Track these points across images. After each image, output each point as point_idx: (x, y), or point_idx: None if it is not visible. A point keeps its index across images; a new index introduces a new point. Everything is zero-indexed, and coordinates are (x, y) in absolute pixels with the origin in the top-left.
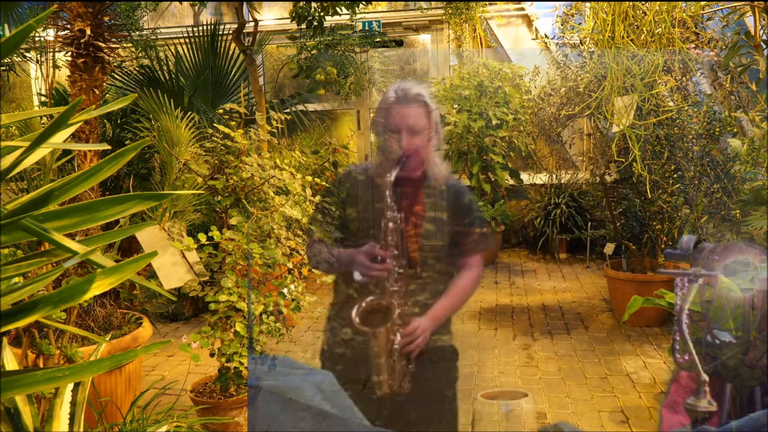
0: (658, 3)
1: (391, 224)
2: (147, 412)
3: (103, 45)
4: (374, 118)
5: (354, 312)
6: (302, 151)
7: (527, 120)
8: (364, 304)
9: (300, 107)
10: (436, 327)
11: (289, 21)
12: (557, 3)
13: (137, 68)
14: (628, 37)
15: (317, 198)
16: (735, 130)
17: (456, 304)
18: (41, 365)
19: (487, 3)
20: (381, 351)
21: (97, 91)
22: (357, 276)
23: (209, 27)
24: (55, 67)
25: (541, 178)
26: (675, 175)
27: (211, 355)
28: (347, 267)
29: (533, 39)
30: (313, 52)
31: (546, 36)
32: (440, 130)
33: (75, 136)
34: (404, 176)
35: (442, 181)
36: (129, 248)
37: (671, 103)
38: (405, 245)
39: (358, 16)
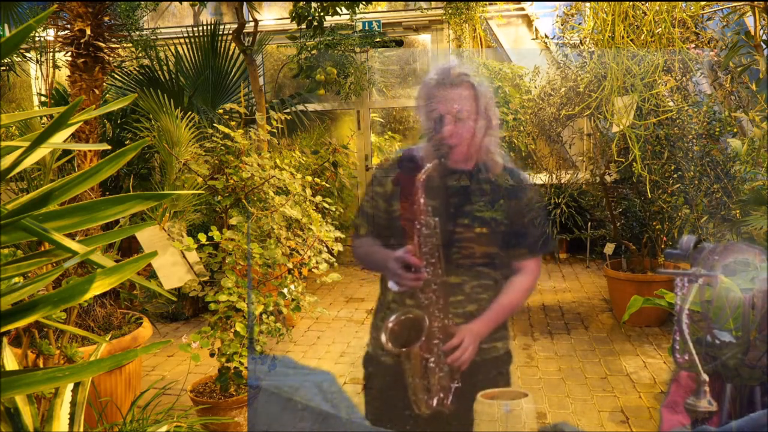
0: (658, 3)
1: (425, 230)
2: (147, 412)
3: (103, 45)
4: (416, 101)
5: (382, 330)
6: (302, 151)
7: (527, 120)
8: (390, 324)
9: (300, 107)
10: (485, 336)
11: (289, 21)
12: (557, 3)
13: (137, 68)
14: (628, 37)
15: (318, 198)
16: (735, 130)
17: (507, 311)
18: (41, 365)
19: (487, 3)
20: (415, 370)
21: (97, 91)
22: (391, 285)
23: (209, 27)
24: (55, 67)
25: (541, 178)
26: (675, 175)
27: (211, 355)
28: (382, 270)
29: (533, 39)
30: (313, 52)
31: (546, 36)
32: (493, 114)
33: (75, 136)
34: (451, 169)
35: (496, 173)
36: (129, 248)
37: (671, 103)
38: (444, 251)
39: (358, 16)
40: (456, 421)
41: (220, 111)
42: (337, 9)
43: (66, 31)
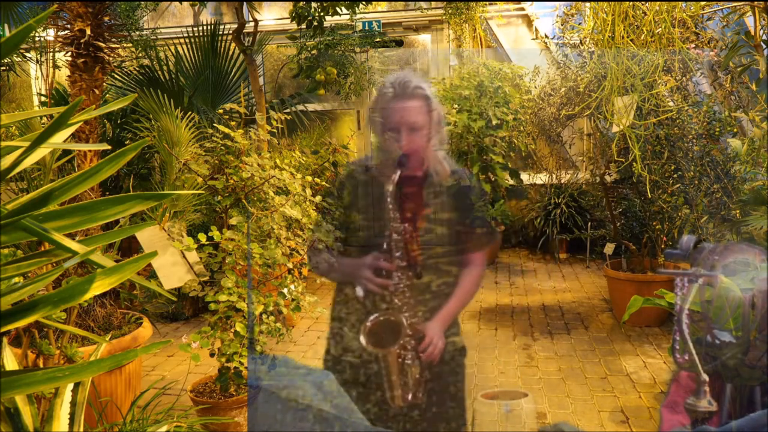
0: (658, 3)
1: (395, 235)
2: (147, 412)
3: (103, 45)
4: (371, 114)
5: (361, 331)
6: (302, 151)
7: (527, 120)
8: (370, 324)
9: (300, 107)
10: (444, 330)
11: (289, 21)
12: (557, 3)
13: (137, 68)
14: (628, 37)
15: (317, 198)
16: (735, 130)
17: (463, 304)
18: (41, 365)
19: (487, 3)
20: (393, 368)
21: (97, 91)
22: (359, 291)
23: (209, 27)
24: (55, 67)
25: (541, 178)
26: (675, 175)
27: (211, 355)
28: (350, 278)
29: (533, 39)
30: (313, 52)
31: (546, 36)
32: (442, 124)
33: (75, 136)
34: (406, 176)
35: (445, 177)
36: (129, 248)
37: (671, 103)
38: (411, 254)
39: (358, 16)
40: (427, 412)
41: (220, 111)
42: (337, 9)
43: (66, 31)
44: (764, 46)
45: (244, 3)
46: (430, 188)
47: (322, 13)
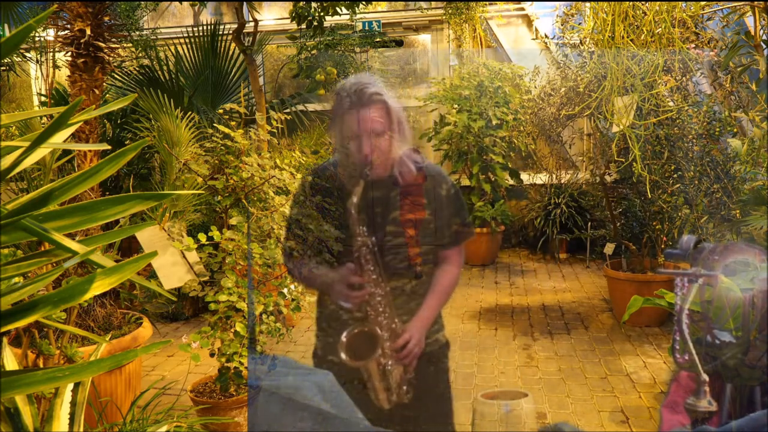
0: (658, 3)
1: (363, 249)
2: (147, 412)
3: (103, 45)
4: (330, 122)
5: (338, 346)
6: (302, 151)
7: (527, 120)
8: (345, 339)
9: (300, 107)
10: (426, 329)
11: (289, 21)
12: (557, 3)
13: (137, 68)
14: (628, 37)
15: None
16: (735, 130)
17: (443, 302)
18: (41, 365)
19: (487, 3)
20: (374, 376)
21: (97, 91)
22: (342, 303)
23: (209, 27)
24: (55, 67)
25: (541, 178)
26: (675, 175)
27: (211, 355)
28: (326, 291)
29: (533, 39)
30: (313, 52)
31: (546, 36)
32: (404, 123)
33: (75, 136)
34: (373, 182)
35: (413, 177)
36: (129, 248)
37: (671, 103)
38: (383, 264)
39: (358, 16)
40: (413, 410)
41: (220, 111)
42: (337, 9)
43: (66, 31)
44: (764, 46)
45: (244, 3)
46: (397, 190)
47: (322, 13)
